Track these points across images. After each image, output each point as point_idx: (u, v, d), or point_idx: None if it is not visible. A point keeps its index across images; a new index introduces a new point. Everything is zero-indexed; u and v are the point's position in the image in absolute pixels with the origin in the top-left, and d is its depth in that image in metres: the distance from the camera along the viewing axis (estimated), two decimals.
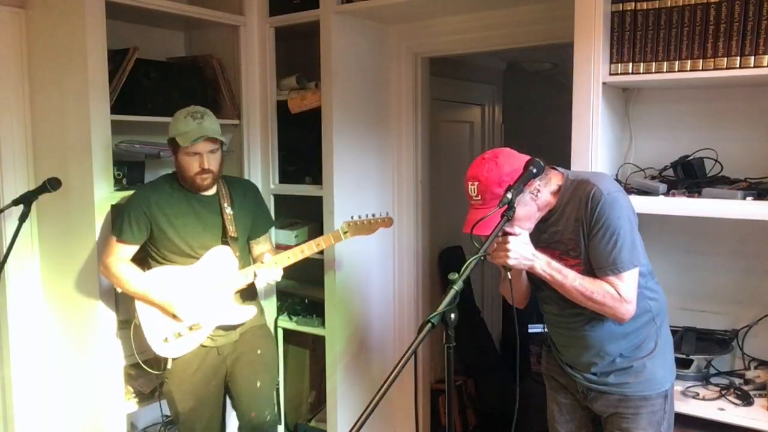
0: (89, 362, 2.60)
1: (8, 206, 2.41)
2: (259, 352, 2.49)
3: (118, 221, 2.37)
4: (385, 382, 1.27)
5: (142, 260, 2.43)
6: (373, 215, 2.36)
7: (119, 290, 2.44)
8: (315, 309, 3.05)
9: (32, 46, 2.67)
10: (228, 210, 2.42)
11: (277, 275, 2.40)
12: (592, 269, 1.75)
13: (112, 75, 2.53)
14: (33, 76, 2.68)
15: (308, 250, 2.44)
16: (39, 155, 2.71)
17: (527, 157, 1.74)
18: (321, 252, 2.91)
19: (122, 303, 2.61)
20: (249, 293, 2.52)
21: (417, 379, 1.41)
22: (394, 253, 3.24)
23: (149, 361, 2.44)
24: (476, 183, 1.72)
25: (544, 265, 1.72)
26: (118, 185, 2.63)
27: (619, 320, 1.75)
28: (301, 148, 3.07)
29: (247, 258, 2.54)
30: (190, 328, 2.35)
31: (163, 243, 2.36)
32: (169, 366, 2.38)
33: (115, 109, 2.52)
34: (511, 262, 1.69)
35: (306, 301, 3.15)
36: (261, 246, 2.58)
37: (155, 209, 2.35)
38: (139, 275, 2.36)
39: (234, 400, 2.52)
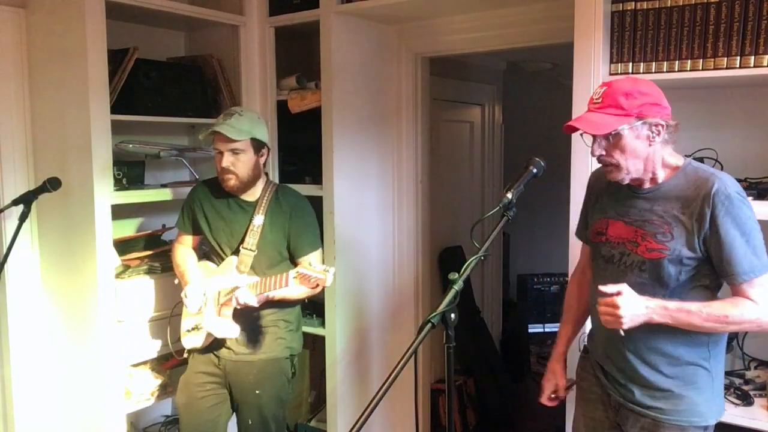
0: (89, 362, 2.60)
1: (8, 206, 2.41)
2: (257, 392, 2.37)
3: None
4: (385, 382, 1.28)
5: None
6: (316, 268, 2.07)
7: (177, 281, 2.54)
8: (315, 309, 3.05)
9: (32, 46, 2.66)
10: (257, 220, 2.33)
11: (249, 300, 2.18)
12: (679, 259, 1.58)
13: (112, 75, 2.53)
14: (33, 76, 2.68)
15: (266, 284, 2.20)
16: (39, 155, 2.71)
17: (663, 100, 1.61)
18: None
19: (122, 303, 2.61)
20: (261, 316, 2.34)
21: (417, 379, 1.42)
22: (394, 253, 3.24)
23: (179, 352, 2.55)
24: (605, 87, 1.60)
25: (662, 311, 1.54)
26: (118, 185, 2.63)
27: (763, 331, 1.60)
28: (301, 148, 3.06)
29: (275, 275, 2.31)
30: (194, 327, 2.39)
31: (204, 238, 2.45)
32: (185, 355, 2.49)
33: (115, 109, 2.52)
34: (626, 326, 1.52)
35: (306, 301, 3.14)
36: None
37: (197, 205, 2.43)
38: (186, 261, 2.48)
39: (236, 418, 2.50)
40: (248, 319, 2.33)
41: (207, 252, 2.53)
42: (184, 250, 2.52)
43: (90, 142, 2.43)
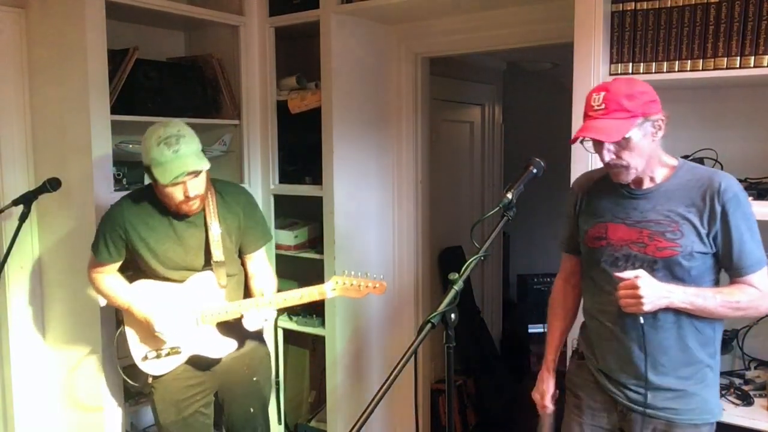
0: (89, 362, 2.60)
1: (8, 206, 2.41)
2: (255, 379, 2.37)
3: (95, 240, 2.22)
4: (385, 382, 1.27)
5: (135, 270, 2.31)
6: (366, 275, 2.10)
7: (104, 303, 2.36)
8: (315, 309, 3.05)
9: (32, 46, 2.66)
10: (215, 230, 2.18)
11: (268, 316, 2.16)
12: (691, 255, 1.61)
13: (112, 75, 2.53)
14: (33, 76, 2.68)
15: (291, 300, 2.18)
16: (39, 155, 2.71)
17: (656, 95, 1.63)
18: (320, 253, 2.93)
19: None
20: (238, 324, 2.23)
21: (417, 379, 1.41)
22: (394, 253, 3.24)
23: (130, 369, 2.33)
24: (603, 92, 1.60)
25: (682, 296, 1.57)
26: (118, 185, 2.63)
27: (763, 316, 1.70)
28: (301, 148, 3.07)
29: (242, 276, 2.35)
30: (168, 353, 2.21)
31: (141, 263, 2.22)
32: (149, 381, 2.29)
33: (115, 109, 2.52)
34: (647, 308, 1.54)
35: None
36: (253, 264, 2.34)
37: (131, 231, 2.16)
38: (123, 288, 2.26)
39: (226, 419, 2.44)
40: (231, 324, 2.24)
41: (137, 271, 2.30)
42: (110, 278, 2.26)
43: (90, 142, 2.42)
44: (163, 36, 3.14)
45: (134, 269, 2.30)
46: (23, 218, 2.36)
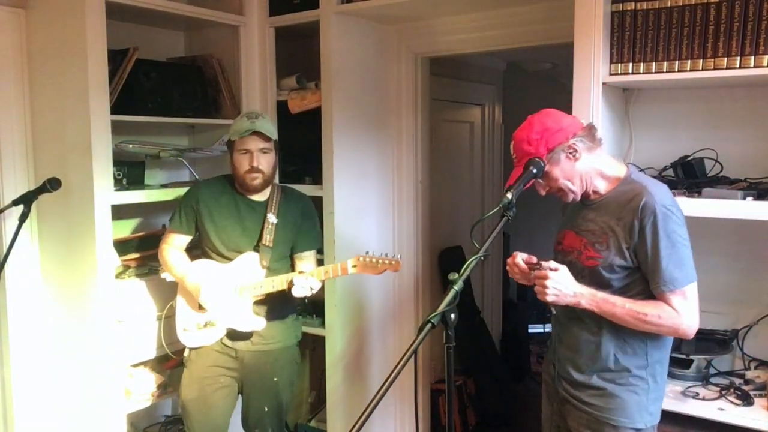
0: (89, 362, 2.60)
1: (8, 206, 2.41)
2: (275, 379, 2.48)
3: (174, 211, 2.51)
4: (385, 382, 1.28)
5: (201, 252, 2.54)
6: (385, 255, 2.25)
7: (168, 277, 2.57)
8: (315, 309, 3.05)
9: (32, 46, 2.66)
10: (271, 218, 2.43)
11: (314, 285, 2.26)
12: (611, 267, 1.69)
13: (112, 75, 2.53)
14: (33, 76, 2.68)
15: (318, 274, 2.33)
16: (39, 155, 2.71)
17: (570, 117, 1.75)
18: (321, 252, 2.93)
19: (122, 303, 2.61)
20: (274, 308, 2.44)
21: (417, 379, 1.42)
22: (394, 253, 3.22)
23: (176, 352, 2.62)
24: (512, 143, 1.75)
25: (590, 298, 1.65)
26: (118, 185, 2.63)
27: (682, 337, 1.71)
28: (301, 148, 3.06)
29: (283, 270, 2.45)
30: (205, 324, 2.42)
31: (205, 239, 2.46)
32: (186, 354, 2.49)
33: (115, 109, 2.52)
34: (549, 299, 1.64)
35: (306, 301, 3.14)
36: (303, 264, 2.51)
37: (202, 205, 2.44)
38: (183, 262, 2.48)
39: (242, 413, 2.55)
40: (266, 311, 2.42)
41: (201, 252, 2.53)
42: (174, 252, 2.50)
43: (90, 142, 2.43)
44: (163, 36, 3.14)
45: (201, 252, 2.52)
46: (23, 218, 2.36)
